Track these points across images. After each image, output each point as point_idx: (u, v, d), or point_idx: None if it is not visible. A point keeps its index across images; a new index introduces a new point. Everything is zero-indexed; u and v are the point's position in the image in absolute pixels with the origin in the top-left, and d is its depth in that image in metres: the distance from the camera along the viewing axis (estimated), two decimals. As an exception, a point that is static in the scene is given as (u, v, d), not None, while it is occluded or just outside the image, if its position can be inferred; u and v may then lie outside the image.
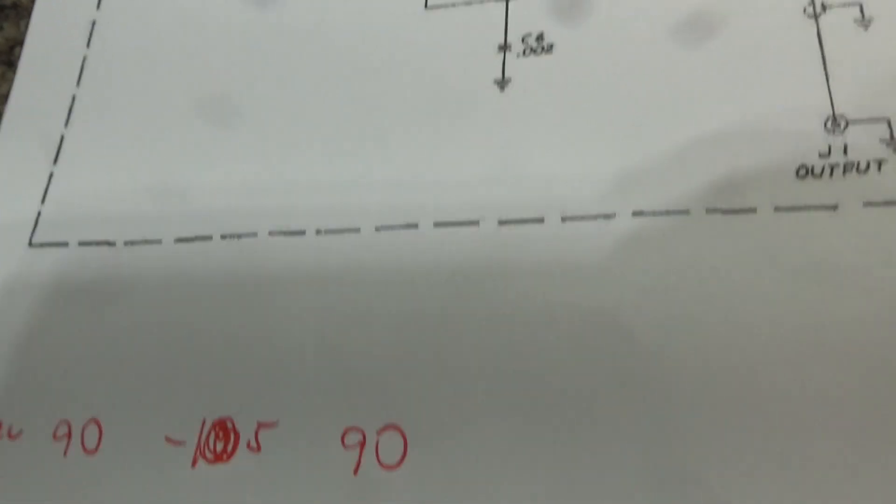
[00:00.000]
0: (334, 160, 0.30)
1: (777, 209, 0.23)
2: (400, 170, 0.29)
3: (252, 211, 0.30)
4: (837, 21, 0.25)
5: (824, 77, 0.24)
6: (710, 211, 0.24)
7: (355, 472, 0.25)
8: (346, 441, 0.26)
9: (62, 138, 0.34)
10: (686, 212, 0.25)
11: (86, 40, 0.35)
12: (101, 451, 0.28)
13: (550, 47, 0.29)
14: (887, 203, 0.22)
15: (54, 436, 0.29)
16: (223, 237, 0.30)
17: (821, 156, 0.24)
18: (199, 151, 0.32)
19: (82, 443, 0.29)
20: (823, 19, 0.26)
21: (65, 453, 0.29)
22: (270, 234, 0.30)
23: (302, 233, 0.29)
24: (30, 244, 0.32)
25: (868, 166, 0.23)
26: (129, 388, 0.29)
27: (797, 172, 0.24)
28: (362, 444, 0.26)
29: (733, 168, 0.24)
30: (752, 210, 0.24)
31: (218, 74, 0.33)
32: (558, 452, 0.24)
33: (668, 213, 0.25)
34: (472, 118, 0.29)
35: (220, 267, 0.30)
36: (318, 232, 0.29)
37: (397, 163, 0.29)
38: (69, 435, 0.29)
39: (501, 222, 0.27)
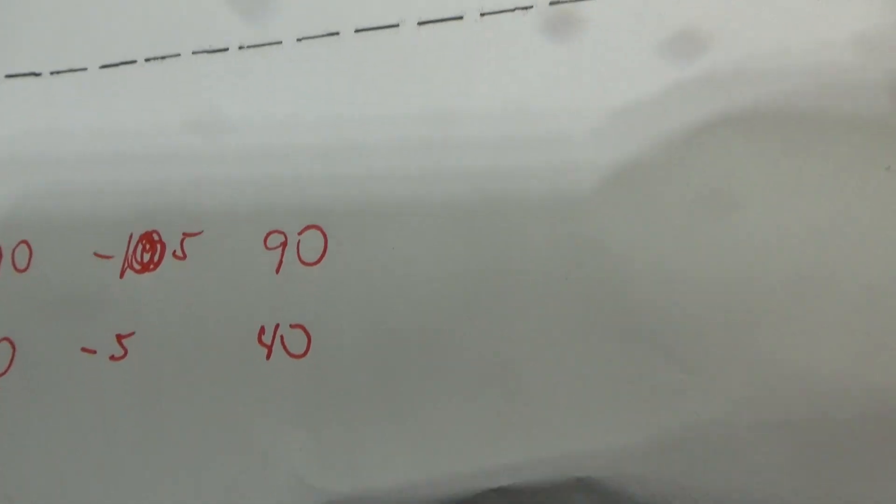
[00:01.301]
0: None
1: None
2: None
3: (173, 31, 0.30)
4: None
5: None
6: None
7: (277, 270, 0.26)
8: (268, 243, 0.26)
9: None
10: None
11: None
12: (31, 269, 0.28)
13: None
14: None
15: (-15, 257, 0.29)
16: (147, 60, 0.30)
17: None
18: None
19: (13, 263, 0.29)
20: None
21: (-4, 272, 0.29)
22: (194, 53, 0.29)
23: (225, 49, 0.29)
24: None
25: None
26: (57, 209, 0.29)
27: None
28: (284, 245, 0.26)
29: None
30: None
31: None
32: (477, 244, 0.24)
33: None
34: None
35: (146, 93, 0.30)
36: (240, 47, 0.29)
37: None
38: (0, 256, 0.29)
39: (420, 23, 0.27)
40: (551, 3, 0.25)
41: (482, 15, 0.26)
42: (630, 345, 0.21)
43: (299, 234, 0.26)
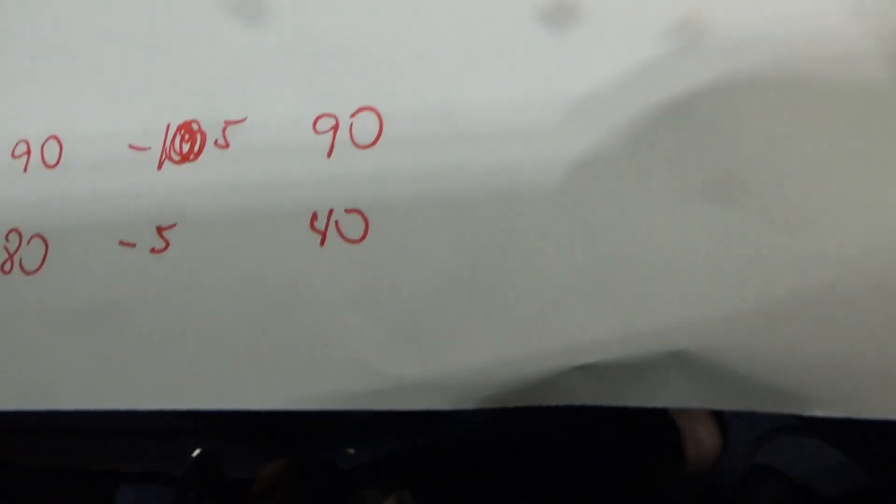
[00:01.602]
0: None
1: None
2: None
3: None
4: None
5: None
6: None
7: (329, 154, 0.24)
8: (317, 127, 0.24)
9: None
10: None
11: None
12: (61, 165, 0.27)
13: None
14: None
15: (13, 154, 0.27)
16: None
17: None
18: None
19: (42, 158, 0.27)
20: None
21: (25, 169, 0.27)
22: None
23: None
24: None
25: None
26: (86, 101, 0.27)
27: None
28: (335, 128, 0.24)
29: None
30: None
31: None
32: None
33: None
34: None
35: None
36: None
37: None
38: (28, 152, 0.27)
39: None
40: None
41: None
42: (730, 210, 0.19)
43: (352, 116, 0.24)
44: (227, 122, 0.25)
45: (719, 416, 0.58)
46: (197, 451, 0.59)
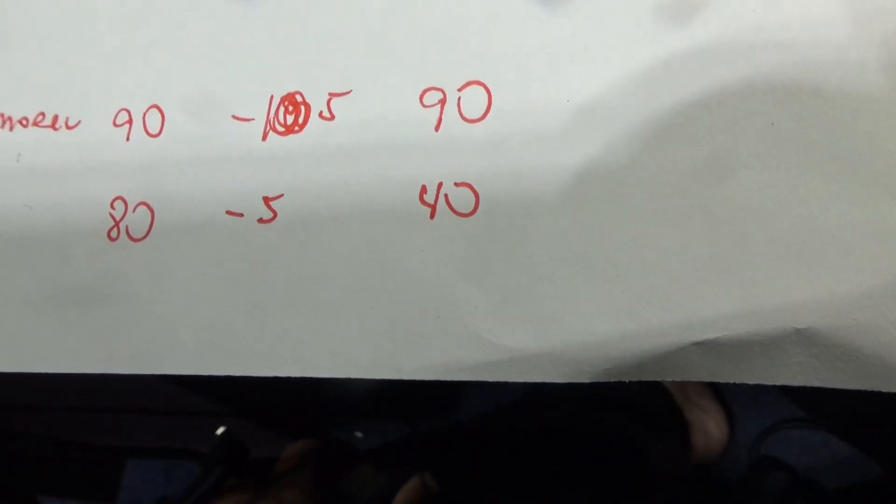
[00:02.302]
0: None
1: None
2: None
3: None
4: None
5: None
6: None
7: (437, 128, 0.24)
8: (424, 100, 0.24)
9: None
10: None
11: None
12: (163, 135, 0.27)
13: None
14: None
15: (114, 123, 0.28)
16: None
17: None
18: None
19: (144, 127, 0.27)
20: None
21: (127, 138, 0.27)
22: None
23: None
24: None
25: None
26: (189, 71, 0.27)
27: None
28: (443, 102, 0.24)
29: None
30: None
31: None
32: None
33: None
34: None
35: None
36: None
37: None
38: (130, 122, 0.28)
39: None
40: None
41: None
42: (855, 186, 0.19)
43: (459, 90, 0.24)
44: (332, 94, 0.26)
45: (727, 408, 0.59)
46: (221, 429, 0.60)
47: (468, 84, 0.24)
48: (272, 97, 0.26)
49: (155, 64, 0.28)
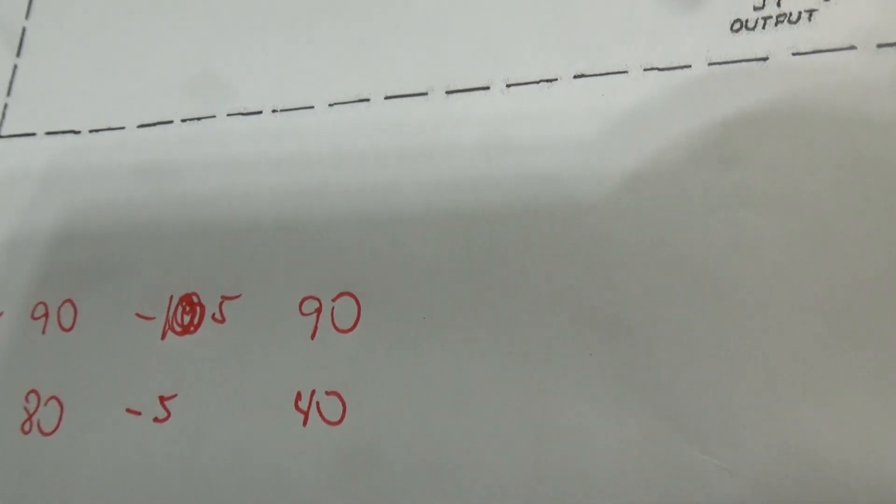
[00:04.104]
0: (286, 38, 0.30)
1: (711, 64, 0.24)
2: (350, 44, 0.29)
3: (209, 94, 0.30)
4: None
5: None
6: (647, 70, 0.24)
7: (312, 336, 0.27)
8: (303, 308, 0.27)
9: (24, 30, 0.34)
10: (625, 72, 0.25)
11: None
12: (76, 329, 0.30)
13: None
14: (815, 52, 0.22)
15: (32, 315, 0.30)
16: (183, 121, 0.31)
17: (755, 9, 0.24)
18: (157, 38, 0.32)
19: (59, 321, 0.30)
20: None
21: (43, 331, 0.30)
22: (228, 115, 0.30)
23: (259, 112, 0.30)
24: (-2, 136, 0.33)
25: (799, 17, 0.23)
26: (99, 269, 0.30)
27: (732, 26, 0.24)
28: (318, 311, 0.27)
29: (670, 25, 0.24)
30: (688, 66, 0.24)
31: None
32: (500, 306, 0.25)
33: (607, 73, 0.25)
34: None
35: (182, 149, 0.31)
36: (273, 111, 0.30)
37: (347, 38, 0.29)
38: (46, 315, 0.30)
39: (448, 92, 0.27)
40: (575, 77, 0.25)
41: (508, 86, 0.26)
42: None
43: (333, 300, 0.27)
44: (224, 297, 0.28)
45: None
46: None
47: (341, 295, 0.27)
48: (172, 297, 0.29)
49: (72, 261, 0.31)
